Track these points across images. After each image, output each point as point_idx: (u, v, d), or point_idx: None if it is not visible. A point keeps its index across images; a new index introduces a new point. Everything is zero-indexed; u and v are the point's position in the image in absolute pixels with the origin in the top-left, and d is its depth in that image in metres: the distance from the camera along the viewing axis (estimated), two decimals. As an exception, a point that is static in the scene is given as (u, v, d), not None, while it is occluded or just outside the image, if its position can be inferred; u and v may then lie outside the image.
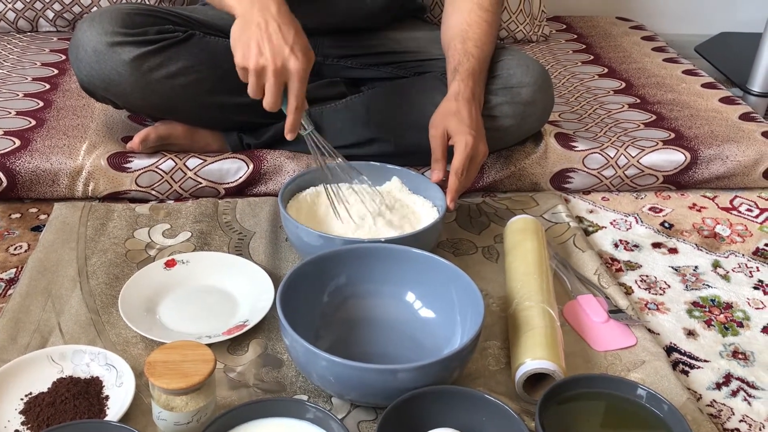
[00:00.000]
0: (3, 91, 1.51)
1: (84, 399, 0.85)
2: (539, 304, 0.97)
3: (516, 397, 0.89)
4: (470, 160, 1.11)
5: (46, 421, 0.82)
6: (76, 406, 0.84)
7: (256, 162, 1.30)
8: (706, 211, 1.35)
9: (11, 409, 0.84)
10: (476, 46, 1.21)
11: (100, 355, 0.90)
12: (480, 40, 1.22)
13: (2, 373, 0.86)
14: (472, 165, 1.12)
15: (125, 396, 0.85)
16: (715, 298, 1.12)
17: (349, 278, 0.99)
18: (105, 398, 0.86)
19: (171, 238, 1.17)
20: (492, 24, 1.24)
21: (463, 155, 1.09)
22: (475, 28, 1.22)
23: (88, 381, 0.87)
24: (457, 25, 1.24)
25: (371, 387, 0.82)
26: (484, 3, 1.24)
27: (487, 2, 1.24)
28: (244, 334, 0.96)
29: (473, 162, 1.12)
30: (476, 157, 1.12)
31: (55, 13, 1.82)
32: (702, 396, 0.94)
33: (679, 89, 1.68)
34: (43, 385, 0.87)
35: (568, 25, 2.15)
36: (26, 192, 1.25)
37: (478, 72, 1.20)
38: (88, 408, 0.84)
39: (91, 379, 0.88)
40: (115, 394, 0.86)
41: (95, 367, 0.89)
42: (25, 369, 0.87)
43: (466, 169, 1.10)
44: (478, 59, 1.20)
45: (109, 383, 0.87)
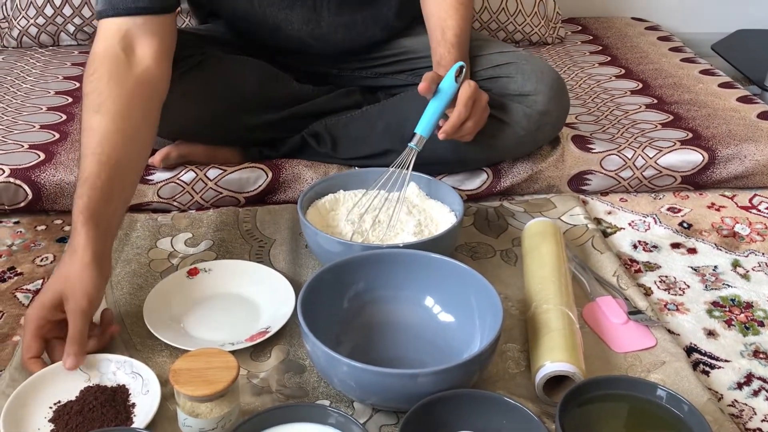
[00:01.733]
0: (27, 105, 1.54)
1: (111, 407, 0.86)
2: (558, 306, 0.97)
3: (536, 399, 0.90)
4: (475, 102, 1.11)
5: (75, 429, 0.84)
6: (103, 413, 0.85)
7: (275, 171, 1.32)
8: (725, 210, 1.34)
9: (41, 418, 0.86)
10: (455, 34, 1.21)
11: (126, 363, 0.92)
12: (458, 27, 1.22)
13: (31, 382, 0.88)
14: (474, 110, 1.12)
15: (151, 403, 0.87)
16: (735, 298, 1.12)
17: (369, 284, 1.00)
18: (131, 406, 0.87)
19: (193, 247, 1.18)
20: (467, 5, 1.25)
21: (467, 92, 1.10)
22: (452, 13, 1.22)
23: (114, 389, 0.89)
24: (435, 13, 1.24)
25: (392, 391, 0.83)
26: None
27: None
28: (266, 341, 0.98)
29: (477, 105, 1.12)
30: (480, 101, 1.13)
31: (76, 27, 1.85)
32: (723, 396, 0.94)
33: (696, 89, 1.68)
34: (71, 394, 0.88)
35: (584, 27, 2.15)
36: (51, 204, 1.28)
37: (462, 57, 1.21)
38: (115, 416, 0.85)
39: (117, 387, 0.89)
40: (141, 401, 0.88)
41: (121, 376, 0.91)
42: (54, 378, 0.89)
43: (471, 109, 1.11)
44: (459, 49, 1.21)
45: (135, 391, 0.89)
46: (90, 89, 1.02)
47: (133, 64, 1.05)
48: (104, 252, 0.95)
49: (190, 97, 1.24)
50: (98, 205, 0.95)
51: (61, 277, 0.92)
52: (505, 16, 1.95)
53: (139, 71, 1.05)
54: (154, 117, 1.07)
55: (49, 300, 0.91)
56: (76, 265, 0.91)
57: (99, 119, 0.99)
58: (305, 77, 1.38)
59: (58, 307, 0.91)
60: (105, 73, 1.02)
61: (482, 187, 1.34)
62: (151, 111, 1.06)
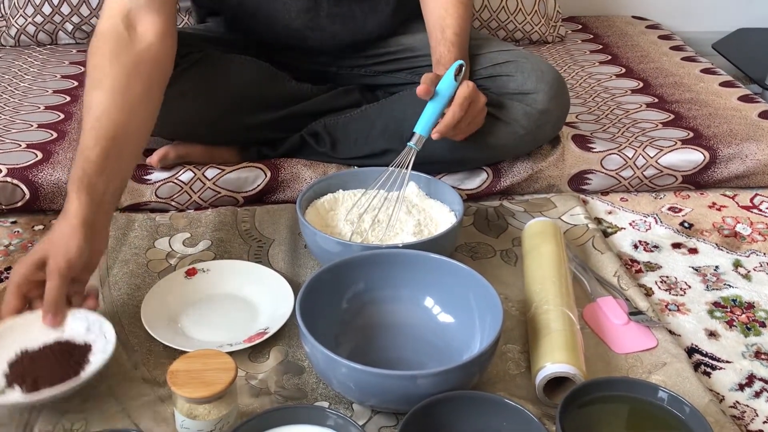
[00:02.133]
0: (24, 104, 1.53)
1: (66, 360, 0.88)
2: (558, 307, 0.97)
3: (536, 401, 0.89)
4: (471, 103, 1.11)
5: (25, 373, 0.87)
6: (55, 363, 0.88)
7: (273, 170, 1.31)
8: (726, 210, 1.34)
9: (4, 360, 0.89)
10: (455, 33, 1.21)
11: (96, 322, 0.93)
12: (457, 26, 1.22)
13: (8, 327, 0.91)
14: (470, 111, 1.12)
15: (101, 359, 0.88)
16: (736, 298, 1.11)
17: (368, 284, 1.00)
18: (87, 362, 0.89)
19: (191, 247, 1.18)
20: (466, 4, 1.24)
21: (465, 92, 1.10)
22: (451, 11, 1.22)
23: (77, 346, 0.91)
24: (435, 11, 1.24)
25: (391, 393, 0.83)
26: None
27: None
28: (264, 342, 0.97)
29: (471, 109, 1.12)
30: (475, 102, 1.12)
31: (74, 25, 1.84)
32: (725, 397, 0.93)
33: (697, 88, 1.67)
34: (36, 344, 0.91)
35: (584, 25, 2.14)
36: (49, 204, 1.27)
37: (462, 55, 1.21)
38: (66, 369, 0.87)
39: (82, 345, 0.91)
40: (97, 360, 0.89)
41: (90, 335, 0.92)
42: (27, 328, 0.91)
43: (467, 110, 1.11)
44: (458, 47, 1.20)
45: (96, 350, 0.90)
46: (92, 66, 1.03)
47: (135, 41, 1.05)
48: (95, 222, 0.95)
49: (188, 96, 1.23)
50: (92, 177, 0.95)
51: (47, 240, 0.93)
52: (505, 15, 1.94)
53: (141, 48, 1.05)
54: (156, 94, 1.07)
55: (32, 259, 0.91)
56: (64, 229, 0.92)
57: (98, 95, 1.00)
58: (304, 76, 1.38)
59: (40, 267, 0.91)
60: (107, 50, 1.03)
61: (482, 186, 1.33)
62: (152, 88, 1.06)
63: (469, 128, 1.16)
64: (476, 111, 1.14)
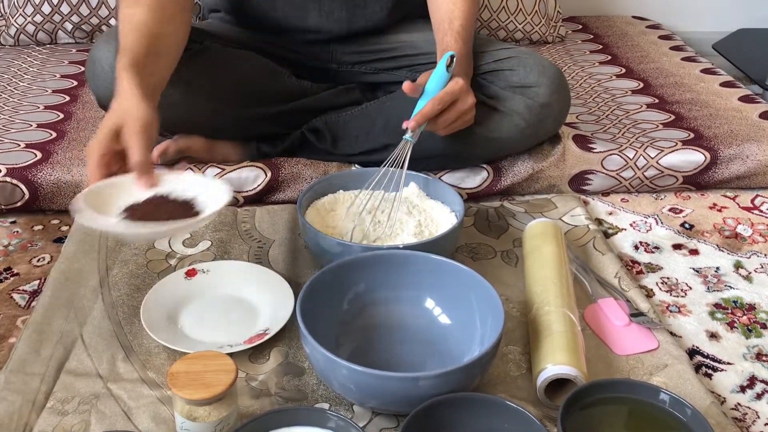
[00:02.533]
0: (24, 104, 1.53)
1: (179, 205, 0.93)
2: (559, 308, 0.97)
3: (538, 402, 0.89)
4: (455, 102, 1.11)
5: (144, 215, 0.91)
6: (172, 207, 0.93)
7: (274, 170, 1.31)
8: (727, 211, 1.33)
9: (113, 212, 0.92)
10: (462, 25, 1.21)
11: (196, 181, 1.00)
12: (464, 19, 1.22)
13: (104, 185, 0.94)
14: (453, 107, 1.11)
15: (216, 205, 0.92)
16: (737, 300, 1.11)
17: (368, 285, 0.99)
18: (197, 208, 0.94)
19: (191, 248, 1.18)
20: (474, 1, 1.25)
21: (450, 88, 1.10)
22: (459, 5, 1.22)
23: (184, 200, 0.95)
24: (443, 5, 1.24)
25: (392, 395, 0.83)
26: None
27: None
28: (265, 343, 0.97)
29: (456, 105, 1.11)
30: (462, 101, 1.12)
31: (74, 25, 1.84)
32: (726, 399, 0.93)
33: (697, 89, 1.67)
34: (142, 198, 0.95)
35: (584, 26, 2.14)
36: (48, 204, 1.27)
37: (465, 55, 1.21)
38: (183, 211, 0.92)
39: (187, 199, 0.95)
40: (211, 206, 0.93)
41: (188, 192, 0.96)
42: (126, 187, 0.95)
43: (448, 108, 1.10)
44: (464, 40, 1.20)
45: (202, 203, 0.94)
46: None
47: None
48: (152, 97, 1.01)
49: (190, 87, 1.23)
50: (139, 65, 1.01)
51: (113, 113, 0.96)
52: (505, 15, 1.94)
53: None
54: (186, 17, 1.16)
55: (106, 132, 0.94)
56: (126, 102, 0.97)
57: (137, 10, 1.07)
58: (304, 75, 1.38)
59: (116, 138, 0.94)
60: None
61: (482, 185, 1.33)
62: (183, 11, 1.14)
63: (453, 125, 1.15)
64: (461, 110, 1.13)
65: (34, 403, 0.88)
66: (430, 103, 1.09)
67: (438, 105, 1.09)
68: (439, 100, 1.09)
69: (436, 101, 1.09)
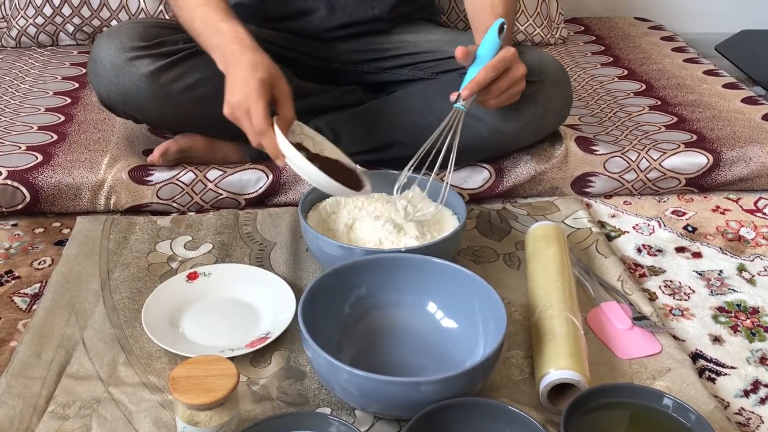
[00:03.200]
0: (25, 106, 1.53)
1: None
2: (562, 312, 0.96)
3: (540, 407, 0.89)
4: (507, 70, 1.09)
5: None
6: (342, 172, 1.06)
7: (275, 172, 1.30)
8: (730, 213, 1.33)
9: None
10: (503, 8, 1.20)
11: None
12: (506, 12, 1.20)
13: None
14: (506, 75, 1.09)
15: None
16: (741, 303, 1.10)
17: (370, 289, 0.99)
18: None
19: (193, 251, 1.17)
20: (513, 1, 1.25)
21: (502, 55, 1.07)
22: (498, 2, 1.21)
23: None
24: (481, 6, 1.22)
25: (394, 399, 0.82)
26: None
27: None
28: (266, 347, 0.96)
29: (509, 73, 1.09)
30: (515, 68, 1.10)
31: (75, 26, 1.84)
32: (730, 404, 0.92)
33: (700, 90, 1.67)
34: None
35: (586, 27, 2.14)
36: (49, 206, 1.27)
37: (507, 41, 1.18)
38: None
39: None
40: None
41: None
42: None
43: (501, 76, 1.08)
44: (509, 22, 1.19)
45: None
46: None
47: None
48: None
49: (191, 87, 1.23)
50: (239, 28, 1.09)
51: (258, 66, 1.03)
52: (507, 16, 1.93)
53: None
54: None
55: (263, 84, 1.02)
56: (264, 59, 1.05)
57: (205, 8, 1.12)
58: (307, 73, 1.37)
59: (269, 84, 1.03)
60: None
61: (484, 186, 1.33)
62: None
63: (503, 97, 1.12)
64: (514, 78, 1.10)
65: (35, 408, 0.88)
66: (484, 70, 1.06)
67: (492, 72, 1.07)
68: (493, 67, 1.07)
69: (490, 68, 1.06)
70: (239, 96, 1.03)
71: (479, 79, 1.06)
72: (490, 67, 1.06)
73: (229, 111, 1.05)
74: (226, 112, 1.06)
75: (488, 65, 1.06)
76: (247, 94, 1.02)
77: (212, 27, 1.11)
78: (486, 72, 1.06)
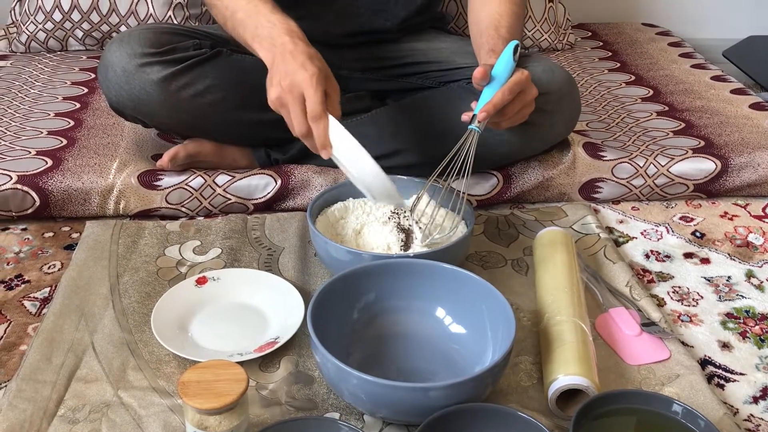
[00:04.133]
0: (35, 111, 1.53)
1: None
2: (571, 318, 0.96)
3: (549, 413, 0.89)
4: (521, 93, 1.09)
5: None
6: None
7: (283, 177, 1.31)
8: (738, 219, 1.33)
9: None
10: (508, 32, 1.20)
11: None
12: (512, 27, 1.21)
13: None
14: (519, 98, 1.10)
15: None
16: (749, 309, 1.10)
17: (379, 294, 0.99)
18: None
19: (201, 255, 1.18)
20: (520, 16, 1.25)
21: (517, 78, 1.08)
22: (506, 17, 1.22)
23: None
24: (489, 16, 1.23)
25: (403, 405, 0.82)
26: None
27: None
28: (275, 351, 0.97)
29: (522, 96, 1.10)
30: (528, 92, 1.10)
31: (84, 32, 1.85)
32: (739, 410, 0.92)
33: (708, 96, 1.67)
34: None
35: (594, 33, 2.14)
36: (59, 211, 1.27)
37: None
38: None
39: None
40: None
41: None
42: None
43: (514, 101, 1.09)
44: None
45: None
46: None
47: None
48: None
49: (199, 93, 1.23)
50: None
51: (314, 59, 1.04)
52: (514, 22, 1.94)
53: None
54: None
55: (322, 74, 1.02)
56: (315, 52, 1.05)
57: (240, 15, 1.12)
58: None
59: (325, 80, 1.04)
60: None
61: (492, 192, 1.33)
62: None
63: (515, 118, 1.13)
64: (526, 101, 1.11)
65: (45, 411, 0.88)
66: (500, 92, 1.07)
67: (509, 95, 1.07)
68: (510, 90, 1.07)
69: (507, 91, 1.07)
70: (295, 80, 1.02)
71: (496, 101, 1.07)
72: (507, 91, 1.07)
73: (277, 95, 1.04)
74: (273, 97, 1.04)
75: (504, 88, 1.07)
76: (305, 80, 1.01)
77: (261, 18, 1.10)
78: (503, 95, 1.07)
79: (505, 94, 1.07)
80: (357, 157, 1.01)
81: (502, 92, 1.07)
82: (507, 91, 1.07)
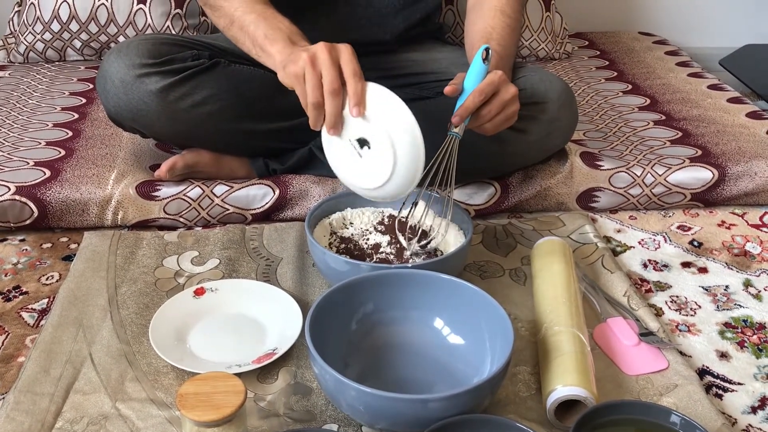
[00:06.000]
0: (33, 122, 1.53)
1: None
2: (569, 328, 0.96)
3: (548, 424, 0.89)
4: (496, 93, 1.08)
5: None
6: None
7: (282, 187, 1.31)
8: (736, 228, 1.33)
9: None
10: (499, 44, 1.20)
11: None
12: (504, 39, 1.21)
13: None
14: (495, 98, 1.08)
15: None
16: (747, 319, 1.10)
17: (377, 305, 0.99)
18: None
19: (200, 266, 1.18)
20: (515, 29, 1.25)
21: (489, 79, 1.07)
22: (498, 30, 1.22)
23: None
24: (482, 29, 1.24)
25: (401, 416, 0.82)
26: (506, 9, 1.24)
27: (509, 8, 1.24)
28: (273, 363, 0.97)
29: (498, 96, 1.08)
30: (504, 92, 1.08)
31: (82, 42, 1.85)
32: (737, 421, 0.92)
33: (704, 105, 1.67)
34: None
35: (591, 42, 2.14)
36: (57, 222, 1.27)
37: (501, 67, 1.18)
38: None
39: None
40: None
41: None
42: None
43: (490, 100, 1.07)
44: (501, 56, 1.19)
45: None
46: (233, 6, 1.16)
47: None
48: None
49: (197, 103, 1.24)
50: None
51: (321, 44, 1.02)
52: (511, 31, 1.94)
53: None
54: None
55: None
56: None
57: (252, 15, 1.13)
58: None
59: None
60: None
61: (490, 201, 1.33)
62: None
63: (498, 120, 1.11)
64: (504, 101, 1.09)
65: (44, 424, 0.88)
66: (471, 95, 1.06)
67: (479, 96, 1.06)
68: (480, 92, 1.06)
69: (477, 93, 1.06)
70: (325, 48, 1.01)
71: (467, 104, 1.06)
72: (477, 92, 1.07)
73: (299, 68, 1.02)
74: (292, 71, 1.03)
75: (475, 90, 1.07)
76: (336, 47, 1.02)
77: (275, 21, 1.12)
78: (474, 97, 1.06)
79: (476, 96, 1.06)
80: (393, 107, 1.00)
81: (473, 95, 1.06)
82: (477, 93, 1.06)
